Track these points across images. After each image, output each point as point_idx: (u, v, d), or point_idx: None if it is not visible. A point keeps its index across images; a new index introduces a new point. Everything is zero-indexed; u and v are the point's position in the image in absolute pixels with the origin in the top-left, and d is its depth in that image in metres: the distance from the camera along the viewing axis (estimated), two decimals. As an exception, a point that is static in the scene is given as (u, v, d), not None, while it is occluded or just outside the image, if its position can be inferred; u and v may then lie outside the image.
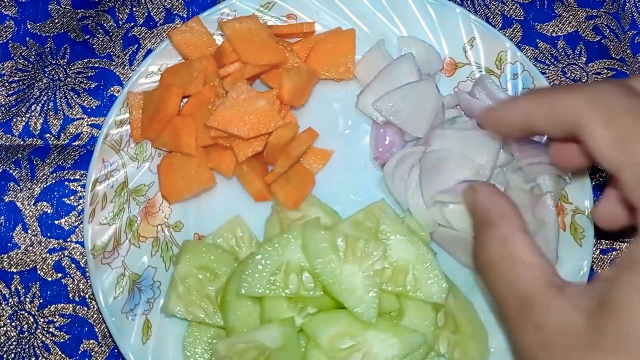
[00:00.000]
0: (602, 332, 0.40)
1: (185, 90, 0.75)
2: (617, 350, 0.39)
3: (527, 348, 0.45)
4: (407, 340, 0.66)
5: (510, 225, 0.50)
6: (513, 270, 0.47)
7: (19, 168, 0.80)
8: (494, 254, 0.49)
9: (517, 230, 0.50)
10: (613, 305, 0.40)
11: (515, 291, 0.47)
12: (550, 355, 0.43)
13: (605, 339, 0.39)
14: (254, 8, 0.79)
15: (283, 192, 0.75)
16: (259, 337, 0.66)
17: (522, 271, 0.47)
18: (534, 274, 0.46)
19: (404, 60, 0.77)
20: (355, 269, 0.67)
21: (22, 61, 0.84)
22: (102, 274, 0.73)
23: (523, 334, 0.45)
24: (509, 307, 0.47)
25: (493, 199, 0.54)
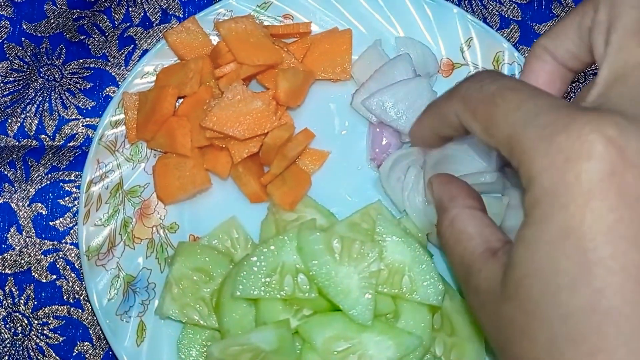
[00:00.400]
0: (505, 284, 0.43)
1: (180, 91, 0.74)
2: (513, 297, 0.42)
3: (472, 310, 0.50)
4: (403, 342, 0.66)
5: (459, 205, 0.53)
6: (459, 244, 0.50)
7: (13, 169, 0.79)
8: (447, 235, 0.52)
9: (464, 208, 0.52)
10: (510, 258, 0.43)
11: (461, 262, 0.50)
12: (483, 313, 0.47)
13: (507, 290, 0.43)
14: (250, 8, 0.79)
15: (279, 193, 0.74)
16: (254, 340, 0.66)
17: (466, 243, 0.50)
18: (475, 243, 0.49)
19: (400, 60, 0.77)
20: (351, 271, 0.67)
21: (17, 61, 0.83)
22: (96, 275, 0.73)
23: (469, 299, 0.49)
24: (460, 278, 0.51)
25: (443, 186, 0.56)
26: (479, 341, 0.71)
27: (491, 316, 0.45)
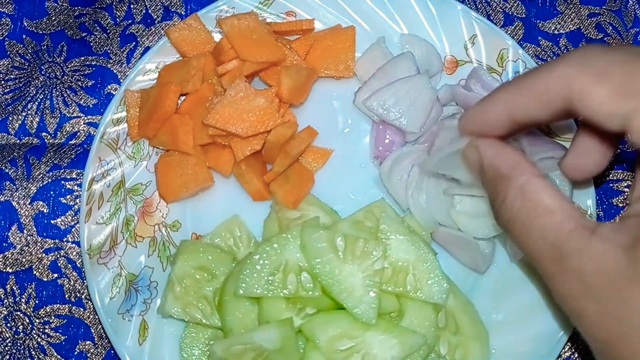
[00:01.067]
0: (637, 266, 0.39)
1: (183, 88, 0.74)
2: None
3: (569, 298, 0.43)
4: (407, 341, 0.65)
5: (526, 173, 0.47)
6: (539, 219, 0.45)
7: (14, 167, 0.79)
8: (516, 208, 0.46)
9: (533, 177, 0.47)
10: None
11: (545, 241, 0.44)
12: (593, 299, 0.41)
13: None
14: (253, 5, 0.79)
15: (282, 191, 0.74)
16: (257, 338, 0.65)
17: (548, 218, 0.44)
18: (561, 218, 0.44)
19: (402, 59, 0.76)
20: (354, 269, 0.66)
21: (19, 59, 0.83)
22: (98, 274, 0.72)
23: (563, 284, 0.43)
24: (543, 258, 0.44)
25: (499, 152, 0.50)
26: (483, 340, 0.70)
27: (605, 301, 0.40)
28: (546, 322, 0.71)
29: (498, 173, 0.49)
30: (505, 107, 0.50)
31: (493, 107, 0.51)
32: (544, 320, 0.71)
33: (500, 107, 0.51)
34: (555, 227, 0.44)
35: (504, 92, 0.51)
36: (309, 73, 0.76)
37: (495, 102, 0.51)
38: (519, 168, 0.48)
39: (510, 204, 0.47)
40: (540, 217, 0.45)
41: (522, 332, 0.71)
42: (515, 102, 0.49)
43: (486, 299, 0.73)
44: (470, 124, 0.54)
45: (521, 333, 0.72)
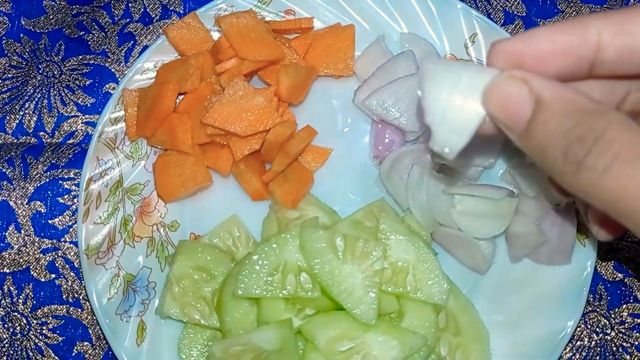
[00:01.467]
0: None
1: (181, 87, 0.74)
2: None
3: None
4: (407, 342, 0.65)
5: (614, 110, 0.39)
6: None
7: (12, 167, 0.78)
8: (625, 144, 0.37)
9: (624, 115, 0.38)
10: None
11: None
12: None
13: None
14: (252, 3, 0.78)
15: (281, 190, 0.73)
16: (256, 339, 0.64)
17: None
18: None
19: (402, 57, 0.76)
20: (354, 269, 0.66)
21: (16, 58, 0.82)
22: (96, 274, 0.72)
23: None
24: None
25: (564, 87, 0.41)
26: (484, 341, 0.70)
27: None
28: (547, 323, 0.71)
29: (579, 107, 0.39)
30: (550, 40, 0.42)
31: (534, 39, 0.42)
32: (545, 321, 0.71)
33: (547, 39, 0.42)
34: None
35: (550, 27, 0.42)
36: (308, 72, 0.75)
37: (536, 36, 0.42)
38: (603, 104, 0.39)
39: (613, 142, 0.37)
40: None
41: (523, 333, 0.71)
42: (561, 36, 0.41)
43: (487, 300, 0.73)
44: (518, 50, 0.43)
45: (522, 334, 0.71)
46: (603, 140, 0.37)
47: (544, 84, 0.40)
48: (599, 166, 0.37)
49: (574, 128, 0.38)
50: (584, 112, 0.38)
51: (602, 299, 0.76)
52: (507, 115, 0.41)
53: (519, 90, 0.40)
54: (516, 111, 0.41)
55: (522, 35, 0.42)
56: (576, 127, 0.38)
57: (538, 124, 0.40)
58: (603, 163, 0.37)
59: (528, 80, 0.40)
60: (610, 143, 0.37)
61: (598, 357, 0.75)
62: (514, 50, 0.42)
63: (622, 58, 0.40)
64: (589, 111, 0.38)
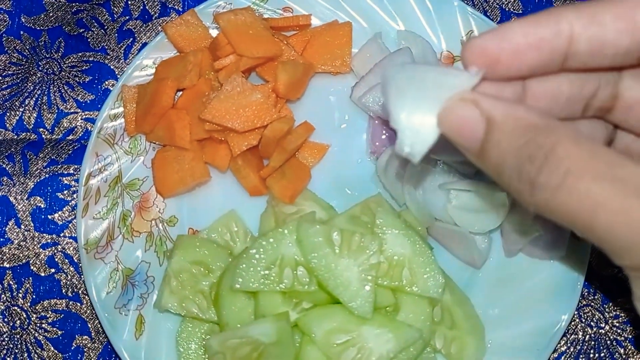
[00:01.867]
0: None
1: (179, 83, 0.74)
2: None
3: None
4: (402, 335, 0.66)
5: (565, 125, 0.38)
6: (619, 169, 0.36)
7: (12, 162, 0.79)
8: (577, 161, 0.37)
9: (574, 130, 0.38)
10: None
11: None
12: None
13: None
14: (250, 1, 0.79)
15: (278, 186, 0.74)
16: (253, 332, 0.65)
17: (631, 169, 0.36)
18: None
19: (400, 54, 0.76)
20: (350, 263, 0.67)
21: (16, 55, 0.83)
22: (95, 268, 0.72)
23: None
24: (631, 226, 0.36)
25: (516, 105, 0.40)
26: (479, 334, 0.70)
27: None
28: (542, 316, 0.71)
29: (528, 124, 0.39)
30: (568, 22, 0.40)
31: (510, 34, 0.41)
32: (539, 314, 0.71)
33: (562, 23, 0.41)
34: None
35: (523, 20, 0.41)
36: (305, 68, 0.76)
37: (552, 16, 0.41)
38: (551, 118, 0.39)
39: (563, 159, 0.37)
40: (621, 162, 0.36)
41: (518, 327, 0.72)
42: (534, 29, 0.41)
43: (482, 294, 0.73)
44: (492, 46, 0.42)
45: (517, 327, 0.72)
46: (553, 157, 0.37)
47: (493, 104, 0.40)
48: (551, 184, 0.37)
49: (524, 146, 0.38)
50: (533, 130, 0.38)
51: (597, 293, 0.77)
52: (461, 137, 0.41)
53: (470, 113, 0.40)
54: (469, 133, 0.41)
55: (495, 31, 0.42)
56: (526, 145, 0.38)
57: (491, 145, 0.40)
58: (555, 180, 0.37)
59: (478, 102, 0.40)
60: (560, 160, 0.37)
61: (592, 350, 0.76)
62: (488, 47, 0.42)
63: (594, 49, 0.41)
64: (538, 128, 0.38)
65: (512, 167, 0.39)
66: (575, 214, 0.37)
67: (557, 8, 0.41)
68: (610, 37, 0.40)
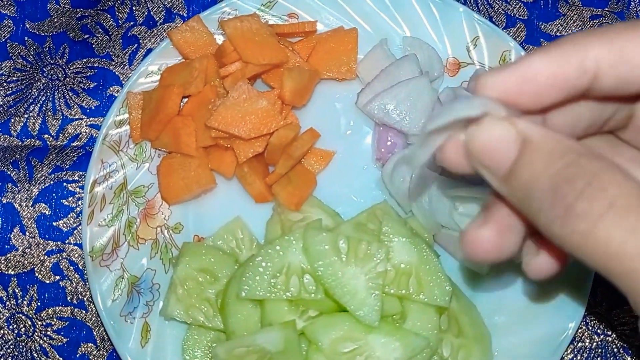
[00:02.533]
0: None
1: (185, 90, 0.74)
2: None
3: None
4: (409, 343, 0.65)
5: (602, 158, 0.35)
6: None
7: (16, 169, 0.79)
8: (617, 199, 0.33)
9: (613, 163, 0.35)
10: None
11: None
12: None
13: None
14: (255, 7, 0.79)
15: (284, 193, 0.74)
16: (260, 341, 0.65)
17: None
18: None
19: (406, 61, 0.76)
20: (357, 272, 0.66)
21: (21, 61, 0.83)
22: (100, 276, 0.72)
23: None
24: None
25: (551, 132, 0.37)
26: (486, 342, 0.70)
27: None
28: (549, 324, 0.71)
29: (569, 147, 0.35)
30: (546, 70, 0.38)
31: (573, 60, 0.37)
32: (546, 322, 0.71)
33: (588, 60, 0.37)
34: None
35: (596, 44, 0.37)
36: (311, 75, 0.76)
37: (577, 52, 0.37)
38: (590, 151, 0.35)
39: (609, 188, 0.33)
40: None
41: (525, 334, 0.71)
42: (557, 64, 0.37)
43: (488, 301, 0.73)
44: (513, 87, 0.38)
45: (524, 335, 0.71)
46: (597, 184, 0.33)
47: (530, 126, 0.37)
48: (592, 213, 0.33)
49: (563, 168, 0.34)
50: (575, 153, 0.35)
51: (603, 301, 0.77)
52: (490, 157, 0.38)
53: (505, 132, 0.37)
54: (501, 153, 0.37)
55: (513, 68, 0.38)
56: (566, 167, 0.34)
57: (524, 164, 0.36)
58: (597, 210, 0.33)
59: (515, 122, 0.37)
60: (605, 188, 0.33)
61: (599, 358, 0.76)
62: (507, 87, 0.38)
63: (619, 84, 0.38)
64: (580, 152, 0.35)
65: (545, 189, 0.35)
66: (613, 255, 0.32)
67: (582, 38, 0.38)
68: (638, 73, 0.38)
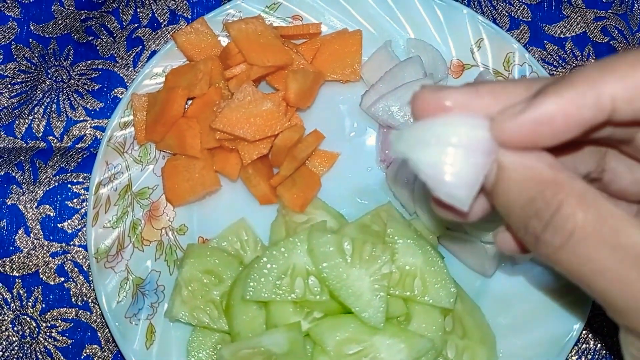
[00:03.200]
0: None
1: (190, 92, 0.74)
2: None
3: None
4: (414, 345, 0.65)
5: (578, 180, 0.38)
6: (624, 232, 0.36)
7: (21, 171, 0.79)
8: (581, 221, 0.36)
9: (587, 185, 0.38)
10: None
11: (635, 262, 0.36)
12: None
13: None
14: (259, 9, 0.79)
15: (289, 195, 0.74)
16: (265, 342, 0.65)
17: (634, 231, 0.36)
18: None
19: (410, 63, 0.76)
20: (362, 273, 0.66)
21: (25, 63, 0.83)
22: (105, 278, 0.72)
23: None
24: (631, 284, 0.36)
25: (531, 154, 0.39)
26: (490, 344, 0.70)
27: None
28: (553, 326, 0.71)
29: (537, 177, 0.38)
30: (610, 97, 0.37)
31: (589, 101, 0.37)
32: (550, 324, 0.71)
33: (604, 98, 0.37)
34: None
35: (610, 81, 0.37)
36: (315, 77, 0.76)
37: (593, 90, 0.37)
38: (563, 171, 0.38)
39: (568, 220, 0.37)
40: (625, 230, 0.36)
41: (529, 336, 0.71)
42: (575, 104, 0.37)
43: (493, 303, 0.73)
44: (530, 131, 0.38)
45: (528, 337, 0.72)
46: (558, 217, 0.37)
47: (505, 152, 0.39)
48: (555, 243, 0.37)
49: (531, 202, 0.38)
50: (541, 184, 0.38)
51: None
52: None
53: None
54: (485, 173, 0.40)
55: (528, 112, 0.38)
56: (533, 201, 0.38)
57: (499, 191, 0.40)
58: (558, 241, 0.37)
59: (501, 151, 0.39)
60: (565, 220, 0.37)
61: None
62: (524, 131, 0.38)
63: (636, 117, 0.38)
64: (546, 183, 0.38)
65: (519, 218, 0.39)
66: (576, 274, 0.38)
67: (594, 74, 0.38)
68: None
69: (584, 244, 0.36)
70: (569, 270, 0.38)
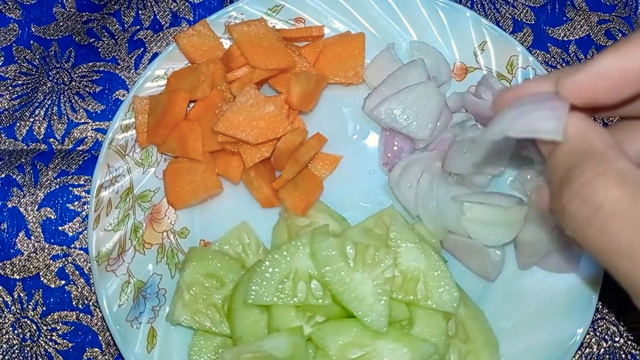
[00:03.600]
0: None
1: (192, 95, 0.74)
2: None
3: None
4: (417, 349, 0.65)
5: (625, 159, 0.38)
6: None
7: (22, 173, 0.79)
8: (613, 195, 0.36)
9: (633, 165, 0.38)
10: None
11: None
12: None
13: None
14: (262, 11, 0.78)
15: (291, 198, 0.73)
16: (267, 347, 0.65)
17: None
18: None
19: (413, 66, 0.76)
20: (365, 277, 0.66)
21: (26, 65, 0.83)
22: (106, 281, 0.72)
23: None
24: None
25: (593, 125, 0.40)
26: (493, 348, 0.70)
27: None
28: (556, 330, 0.71)
29: (588, 147, 0.39)
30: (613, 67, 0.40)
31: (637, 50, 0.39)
32: (554, 328, 0.71)
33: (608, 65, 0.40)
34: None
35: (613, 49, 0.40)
36: (318, 80, 0.75)
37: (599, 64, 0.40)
38: (616, 150, 0.38)
39: (598, 193, 0.36)
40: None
41: (532, 340, 0.71)
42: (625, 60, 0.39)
43: (496, 307, 0.73)
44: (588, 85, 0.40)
45: (531, 341, 0.71)
46: (589, 188, 0.37)
47: (575, 122, 0.40)
48: (581, 215, 0.37)
49: (569, 169, 0.38)
50: (585, 155, 0.38)
51: (611, 306, 0.76)
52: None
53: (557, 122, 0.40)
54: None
55: (586, 68, 0.40)
56: (571, 169, 0.38)
57: (554, 155, 0.40)
58: (585, 213, 0.37)
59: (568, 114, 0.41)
60: (595, 193, 0.36)
61: (607, 364, 0.75)
62: (583, 86, 0.40)
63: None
64: (591, 155, 0.38)
65: (555, 184, 0.39)
66: (601, 253, 0.37)
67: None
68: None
69: (613, 221, 0.36)
70: (593, 249, 0.37)
